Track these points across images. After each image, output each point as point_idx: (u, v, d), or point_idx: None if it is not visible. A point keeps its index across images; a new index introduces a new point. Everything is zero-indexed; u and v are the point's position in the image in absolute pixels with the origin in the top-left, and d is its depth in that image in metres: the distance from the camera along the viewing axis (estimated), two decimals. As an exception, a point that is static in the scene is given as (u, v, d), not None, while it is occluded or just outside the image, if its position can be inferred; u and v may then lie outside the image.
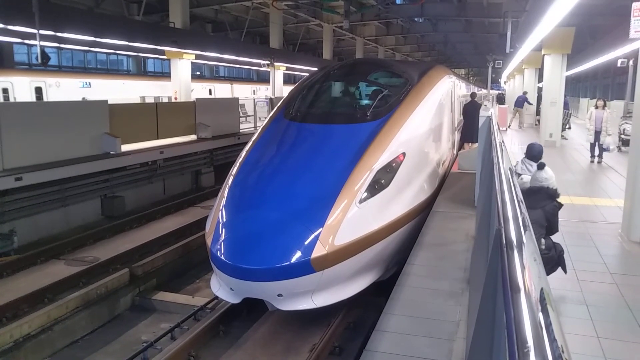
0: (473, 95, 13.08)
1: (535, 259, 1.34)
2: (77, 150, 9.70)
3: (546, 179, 4.49)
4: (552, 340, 0.85)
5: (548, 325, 0.90)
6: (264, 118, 12.25)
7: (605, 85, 34.89)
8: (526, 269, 1.17)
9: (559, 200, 4.44)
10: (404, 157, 5.79)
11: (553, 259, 4.25)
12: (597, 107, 11.40)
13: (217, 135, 14.00)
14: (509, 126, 19.36)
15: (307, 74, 9.25)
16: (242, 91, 28.62)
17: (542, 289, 1.11)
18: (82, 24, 11.67)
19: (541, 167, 4.61)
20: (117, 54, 24.23)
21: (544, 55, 14.79)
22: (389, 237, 5.35)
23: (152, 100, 18.80)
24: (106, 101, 10.87)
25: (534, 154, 5.28)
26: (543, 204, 4.31)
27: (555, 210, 4.36)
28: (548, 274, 4.27)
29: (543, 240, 4.22)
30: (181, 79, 15.77)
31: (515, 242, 1.36)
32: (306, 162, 5.64)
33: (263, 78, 35.02)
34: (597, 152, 11.22)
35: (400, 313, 3.89)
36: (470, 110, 12.02)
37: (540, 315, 0.94)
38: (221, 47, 17.68)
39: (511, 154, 9.68)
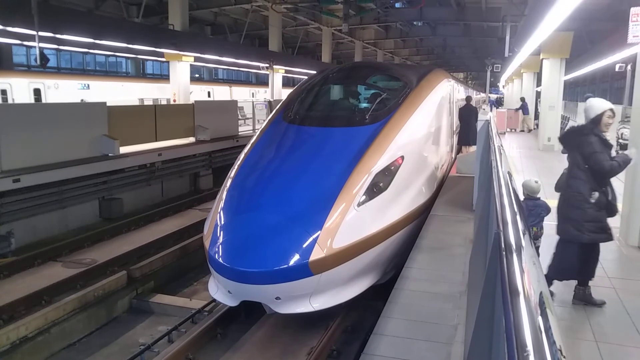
0: (468, 99, 13.22)
1: (534, 263, 1.34)
2: (75, 152, 9.67)
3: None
4: (552, 344, 0.85)
5: (547, 329, 0.90)
6: (263, 121, 12.26)
7: (603, 89, 34.96)
8: (525, 273, 1.16)
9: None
10: (403, 160, 5.79)
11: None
12: None
13: (215, 137, 13.99)
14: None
15: (306, 77, 9.26)
16: (241, 94, 28.62)
17: (541, 292, 1.11)
18: (81, 25, 11.67)
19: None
20: (116, 56, 24.24)
21: (542, 59, 14.84)
22: (387, 240, 5.35)
23: (150, 103, 18.80)
24: (105, 103, 10.86)
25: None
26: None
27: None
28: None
29: (596, 194, 3.95)
30: (180, 81, 15.77)
31: (514, 246, 1.36)
32: (305, 164, 5.64)
33: (262, 81, 35.04)
34: None
35: (399, 316, 3.88)
36: (465, 114, 12.11)
37: (540, 319, 0.94)
38: (220, 49, 17.70)
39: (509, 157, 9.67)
